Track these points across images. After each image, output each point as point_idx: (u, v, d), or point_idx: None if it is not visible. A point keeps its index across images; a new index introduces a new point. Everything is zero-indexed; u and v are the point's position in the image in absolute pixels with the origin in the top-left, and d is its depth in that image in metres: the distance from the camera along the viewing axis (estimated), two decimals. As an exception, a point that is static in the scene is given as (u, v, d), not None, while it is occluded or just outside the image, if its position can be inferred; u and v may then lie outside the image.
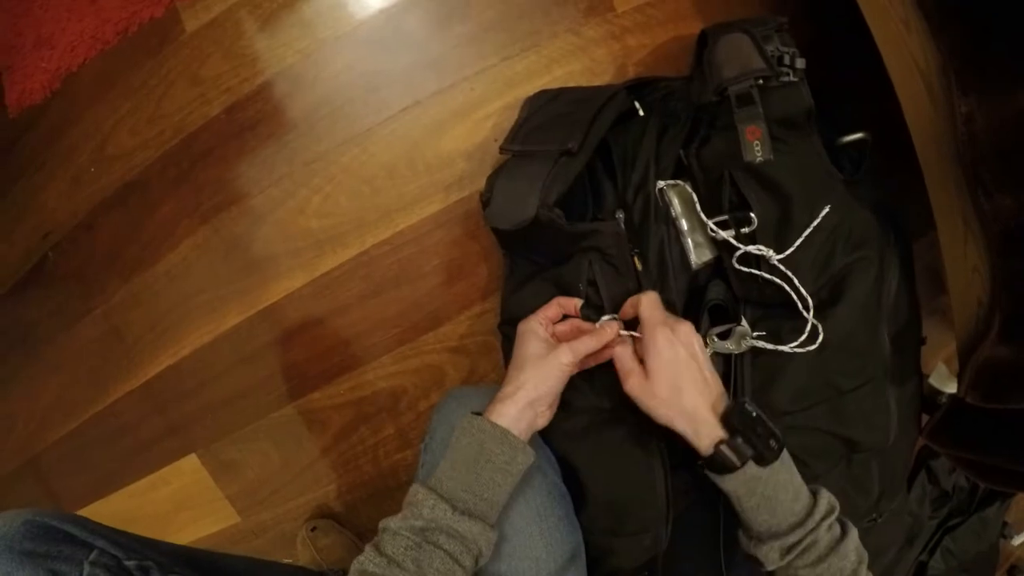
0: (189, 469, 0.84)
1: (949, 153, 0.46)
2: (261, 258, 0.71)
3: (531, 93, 0.63)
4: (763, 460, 0.43)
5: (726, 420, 0.45)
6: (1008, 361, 0.45)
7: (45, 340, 0.83)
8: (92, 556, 0.41)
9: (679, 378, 0.45)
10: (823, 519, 0.43)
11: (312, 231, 0.69)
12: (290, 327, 0.73)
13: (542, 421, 0.48)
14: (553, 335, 0.52)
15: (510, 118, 0.62)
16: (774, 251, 0.50)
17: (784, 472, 0.45)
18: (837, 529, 0.44)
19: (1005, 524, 0.93)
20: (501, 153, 0.57)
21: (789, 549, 0.43)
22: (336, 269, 0.70)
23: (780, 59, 0.51)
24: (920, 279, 0.59)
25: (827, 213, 0.50)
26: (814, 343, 0.50)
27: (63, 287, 0.80)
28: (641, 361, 0.48)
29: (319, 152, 0.66)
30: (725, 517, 0.54)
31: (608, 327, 0.49)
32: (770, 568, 0.44)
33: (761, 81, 0.51)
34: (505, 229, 0.54)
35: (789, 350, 0.50)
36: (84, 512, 0.91)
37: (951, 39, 0.44)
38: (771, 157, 0.50)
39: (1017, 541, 1.01)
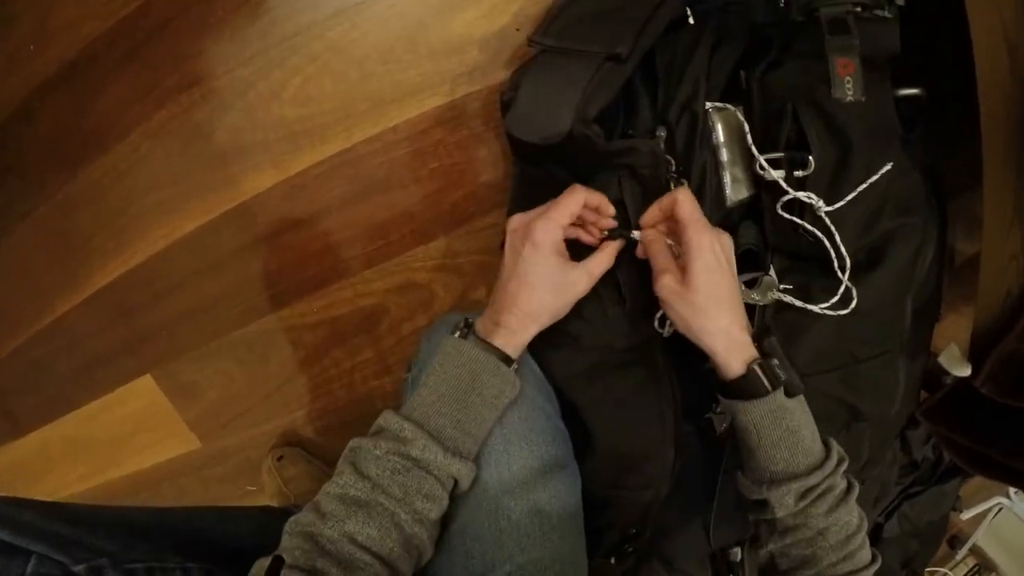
0: (144, 390, 0.79)
1: (1020, 130, 0.41)
2: (226, 151, 0.62)
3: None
4: (791, 391, 0.41)
5: (758, 342, 0.42)
6: (1032, 359, 0.43)
7: (-18, 246, 0.74)
8: (31, 567, 0.35)
9: (719, 288, 0.41)
10: (839, 464, 0.42)
11: (287, 120, 0.60)
12: (259, 233, 0.66)
13: None
14: None
15: (537, 2, 0.54)
16: (824, 201, 0.46)
17: (804, 411, 0.43)
18: (845, 481, 0.43)
19: (958, 498, 0.97)
20: (530, 46, 0.50)
21: (807, 492, 0.41)
22: (315, 167, 0.62)
23: None
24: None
25: (887, 170, 0.46)
26: (846, 307, 0.47)
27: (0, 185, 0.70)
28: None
29: (300, 26, 0.57)
30: (727, 463, 0.52)
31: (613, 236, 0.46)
32: (780, 514, 0.41)
33: (859, 9, 0.45)
34: (529, 141, 0.48)
35: (819, 311, 0.47)
36: (40, 435, 0.87)
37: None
38: (863, 98, 0.45)
39: (966, 515, 1.08)
